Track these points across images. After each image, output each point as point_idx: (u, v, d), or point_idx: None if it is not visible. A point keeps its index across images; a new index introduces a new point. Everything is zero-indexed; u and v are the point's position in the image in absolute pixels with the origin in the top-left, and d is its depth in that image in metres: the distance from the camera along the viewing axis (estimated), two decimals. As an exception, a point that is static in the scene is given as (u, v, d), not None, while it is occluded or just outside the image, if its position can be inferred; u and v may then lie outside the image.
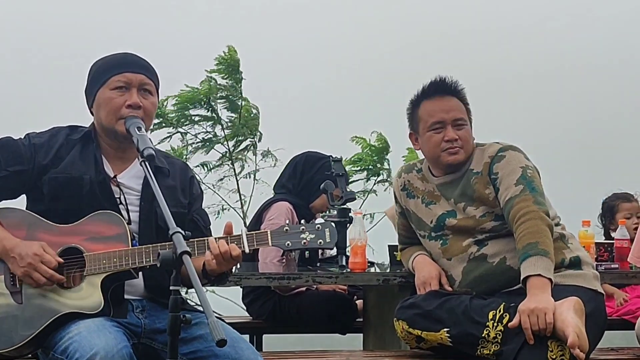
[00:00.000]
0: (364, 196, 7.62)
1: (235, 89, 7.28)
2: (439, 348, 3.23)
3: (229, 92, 7.25)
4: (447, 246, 3.34)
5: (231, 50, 7.25)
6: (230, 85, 7.26)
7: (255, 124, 7.43)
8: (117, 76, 2.80)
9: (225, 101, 7.30)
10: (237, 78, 7.27)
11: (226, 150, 7.43)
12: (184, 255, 2.15)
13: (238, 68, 7.26)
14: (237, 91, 7.29)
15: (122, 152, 2.87)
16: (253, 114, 7.43)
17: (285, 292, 4.56)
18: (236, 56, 7.24)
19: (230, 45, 7.27)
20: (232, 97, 7.28)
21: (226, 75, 7.24)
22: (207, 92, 7.19)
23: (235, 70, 7.25)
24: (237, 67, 7.25)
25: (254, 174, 7.45)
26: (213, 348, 2.62)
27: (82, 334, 2.48)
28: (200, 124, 7.36)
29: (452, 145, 3.32)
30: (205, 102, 7.21)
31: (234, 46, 7.28)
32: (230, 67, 7.23)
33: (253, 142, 7.47)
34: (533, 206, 3.09)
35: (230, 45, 7.27)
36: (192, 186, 3.01)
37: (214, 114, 7.30)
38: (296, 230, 2.70)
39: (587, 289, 3.11)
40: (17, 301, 2.65)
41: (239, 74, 7.28)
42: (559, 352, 2.88)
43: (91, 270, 2.65)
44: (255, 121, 7.43)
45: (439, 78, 3.38)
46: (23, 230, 2.73)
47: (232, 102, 7.29)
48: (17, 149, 2.81)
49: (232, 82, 7.26)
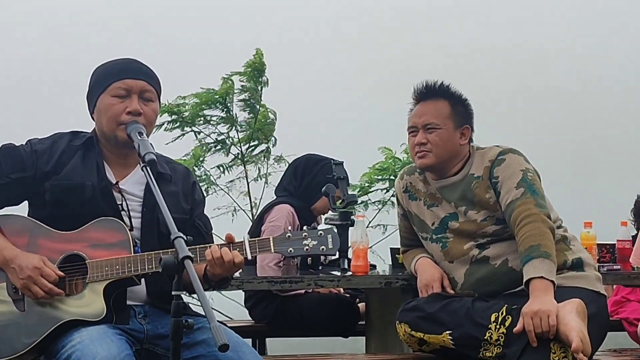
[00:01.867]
0: (381, 206, 7.56)
1: (257, 92, 7.25)
2: (442, 351, 3.23)
3: (251, 94, 7.22)
4: (447, 249, 3.34)
5: (259, 52, 7.21)
6: (252, 88, 7.22)
7: (271, 129, 7.39)
8: (117, 83, 2.80)
9: (244, 104, 7.27)
10: (261, 81, 7.24)
11: (239, 152, 7.40)
12: (185, 260, 2.16)
13: (263, 71, 7.23)
14: (258, 94, 7.27)
15: (123, 158, 2.86)
16: (270, 119, 7.39)
17: (284, 293, 4.55)
18: (262, 59, 7.20)
19: (258, 48, 7.24)
20: (252, 100, 7.25)
21: (250, 78, 7.20)
22: (224, 94, 7.16)
23: (260, 73, 7.22)
24: (263, 70, 7.22)
25: (266, 177, 7.41)
26: (216, 353, 2.62)
27: (84, 342, 2.48)
28: (215, 125, 7.32)
29: (420, 149, 3.37)
30: (221, 102, 7.18)
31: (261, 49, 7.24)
32: (256, 70, 7.19)
33: (267, 147, 7.43)
34: (534, 209, 3.09)
35: (258, 48, 7.24)
36: (195, 192, 3.00)
37: (230, 114, 7.27)
38: (298, 236, 2.70)
39: (590, 291, 3.11)
40: (20, 309, 2.65)
41: (263, 76, 7.25)
42: (561, 355, 2.88)
43: (93, 278, 2.65)
44: (272, 126, 7.39)
45: (422, 84, 3.43)
46: (25, 237, 2.73)
47: (251, 106, 7.27)
48: (18, 156, 2.80)
49: (254, 85, 7.23)
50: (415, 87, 3.45)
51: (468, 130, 3.42)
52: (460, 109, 3.43)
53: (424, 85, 3.44)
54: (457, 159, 3.39)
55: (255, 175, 7.45)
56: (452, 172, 3.39)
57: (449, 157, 3.37)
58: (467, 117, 3.44)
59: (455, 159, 3.38)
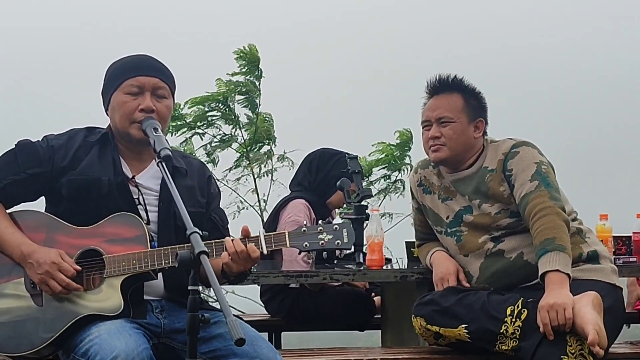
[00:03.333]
0: (383, 195, 7.55)
1: (255, 86, 7.26)
2: (457, 344, 3.23)
3: (248, 88, 7.22)
4: (462, 242, 3.34)
5: (252, 48, 7.22)
6: (250, 81, 7.23)
7: (270, 131, 7.40)
8: (130, 80, 2.81)
9: (244, 99, 7.28)
10: (257, 75, 7.25)
11: (243, 150, 7.41)
12: (201, 255, 2.17)
13: (258, 64, 7.23)
14: (256, 88, 7.27)
15: (139, 154, 2.87)
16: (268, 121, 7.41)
17: (316, 289, 4.56)
18: (257, 54, 7.21)
19: (252, 44, 7.25)
20: (251, 94, 7.26)
21: (246, 71, 7.21)
22: (225, 93, 7.18)
23: (255, 67, 7.23)
24: (257, 63, 7.23)
25: (271, 174, 7.42)
26: (232, 347, 2.63)
27: (102, 336, 2.50)
28: (218, 124, 7.34)
29: (434, 142, 3.37)
30: (222, 101, 7.19)
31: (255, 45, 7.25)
32: (250, 63, 7.20)
33: (270, 148, 7.45)
34: (549, 202, 3.09)
35: (252, 44, 7.25)
36: (210, 185, 3.02)
37: (232, 113, 7.28)
38: (314, 230, 2.71)
39: (605, 283, 3.11)
40: (38, 304, 2.67)
41: (259, 70, 7.25)
42: (577, 347, 2.87)
43: (111, 272, 2.66)
44: (270, 129, 7.41)
45: (435, 77, 3.43)
46: (42, 233, 2.75)
47: (251, 101, 7.28)
48: (35, 152, 2.83)
49: (251, 79, 7.23)
50: (429, 81, 3.45)
51: (482, 123, 3.41)
52: (473, 102, 3.42)
53: (437, 79, 3.43)
54: (472, 152, 3.39)
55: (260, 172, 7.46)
56: (466, 165, 3.39)
57: (463, 150, 3.37)
58: (480, 110, 3.44)
59: (470, 152, 3.38)
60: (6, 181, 2.80)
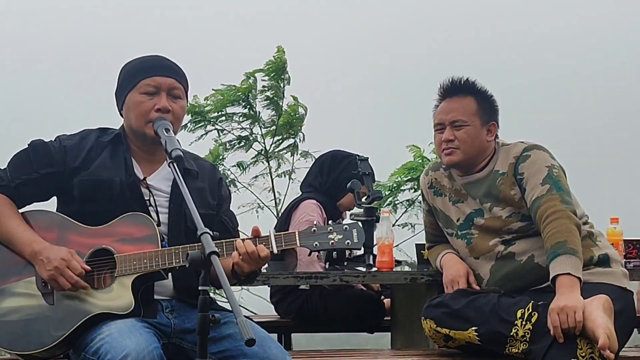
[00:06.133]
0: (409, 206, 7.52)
1: (279, 89, 7.26)
2: (467, 347, 3.23)
3: (273, 91, 7.22)
4: (472, 245, 3.34)
5: (280, 50, 7.21)
6: (274, 85, 7.23)
7: (300, 124, 7.38)
8: (146, 80, 2.82)
9: (267, 100, 7.27)
10: (283, 78, 7.25)
11: (262, 148, 7.40)
12: (212, 255, 2.17)
13: (285, 69, 7.23)
14: (280, 91, 7.27)
15: (151, 154, 2.89)
16: (300, 113, 7.38)
17: (333, 288, 4.56)
18: (284, 57, 7.20)
19: (280, 45, 7.24)
20: (275, 97, 7.25)
21: (272, 76, 7.20)
22: (247, 90, 7.17)
23: (281, 71, 7.23)
24: (284, 67, 7.22)
25: (290, 173, 7.41)
26: (242, 347, 2.64)
27: (113, 335, 2.50)
28: (238, 121, 7.33)
29: (447, 145, 3.37)
30: (244, 99, 7.19)
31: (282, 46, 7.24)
32: (277, 68, 7.20)
33: (294, 142, 7.42)
34: (560, 205, 3.09)
35: (280, 45, 7.24)
36: (221, 188, 3.03)
37: (252, 111, 7.27)
38: (324, 230, 2.71)
39: (616, 287, 3.10)
40: (49, 302, 2.68)
41: (286, 73, 7.25)
42: (588, 351, 2.87)
43: (122, 271, 2.67)
44: (301, 121, 7.38)
45: (449, 80, 3.43)
46: (54, 232, 2.76)
47: (274, 103, 7.27)
48: (47, 151, 2.84)
49: (276, 83, 7.23)
50: (441, 84, 3.45)
51: (494, 127, 3.41)
52: (486, 105, 3.42)
53: (450, 82, 3.43)
54: (484, 156, 3.38)
55: (278, 171, 7.44)
56: (478, 168, 3.39)
57: (476, 153, 3.37)
58: (493, 113, 3.44)
59: (482, 155, 3.38)
60: (19, 181, 2.81)
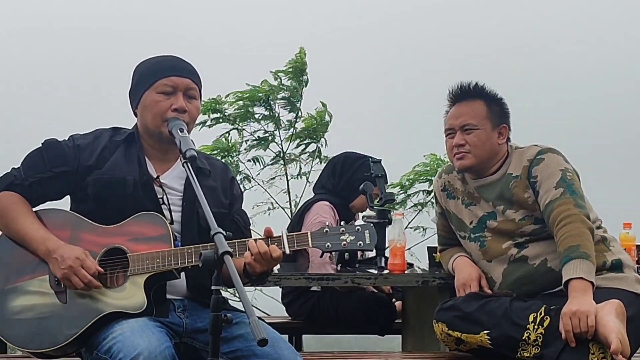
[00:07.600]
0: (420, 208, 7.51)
1: (297, 90, 7.26)
2: (479, 350, 3.22)
3: (291, 93, 7.22)
4: (485, 248, 3.34)
5: (301, 51, 7.22)
6: (292, 87, 7.23)
7: (324, 130, 7.38)
8: (164, 80, 2.83)
9: (285, 102, 7.27)
10: (301, 80, 7.25)
11: (279, 150, 7.40)
12: (225, 255, 2.17)
13: (304, 70, 7.23)
14: (298, 93, 7.27)
15: (164, 154, 2.90)
16: (325, 120, 7.38)
17: (345, 290, 4.56)
18: (304, 58, 7.21)
19: (302, 47, 7.24)
20: (292, 98, 7.25)
21: (291, 77, 7.21)
22: (267, 91, 7.18)
23: (301, 72, 7.23)
24: (304, 69, 7.23)
25: (307, 175, 7.40)
26: (253, 347, 2.64)
27: (125, 334, 2.51)
28: (258, 121, 7.33)
29: (458, 150, 3.37)
30: (264, 100, 7.19)
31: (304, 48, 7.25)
32: (297, 69, 7.20)
33: (317, 147, 7.42)
34: (574, 209, 3.08)
35: (302, 47, 7.24)
36: (233, 187, 3.04)
37: (272, 112, 7.28)
38: (336, 231, 2.71)
39: (629, 292, 3.09)
40: (62, 301, 2.69)
41: (305, 75, 7.25)
42: (600, 356, 2.86)
43: (135, 271, 2.68)
44: (325, 127, 7.38)
45: (458, 85, 3.43)
46: (67, 231, 2.77)
47: (292, 104, 7.27)
48: (61, 150, 2.85)
49: (295, 84, 7.23)
50: (450, 89, 3.45)
51: (505, 130, 3.41)
52: (496, 108, 3.42)
53: (459, 87, 3.43)
54: (496, 159, 3.38)
55: (295, 173, 7.44)
56: (490, 171, 3.38)
57: (487, 157, 3.36)
58: (503, 116, 3.43)
59: (494, 158, 3.38)
60: (32, 179, 2.83)
